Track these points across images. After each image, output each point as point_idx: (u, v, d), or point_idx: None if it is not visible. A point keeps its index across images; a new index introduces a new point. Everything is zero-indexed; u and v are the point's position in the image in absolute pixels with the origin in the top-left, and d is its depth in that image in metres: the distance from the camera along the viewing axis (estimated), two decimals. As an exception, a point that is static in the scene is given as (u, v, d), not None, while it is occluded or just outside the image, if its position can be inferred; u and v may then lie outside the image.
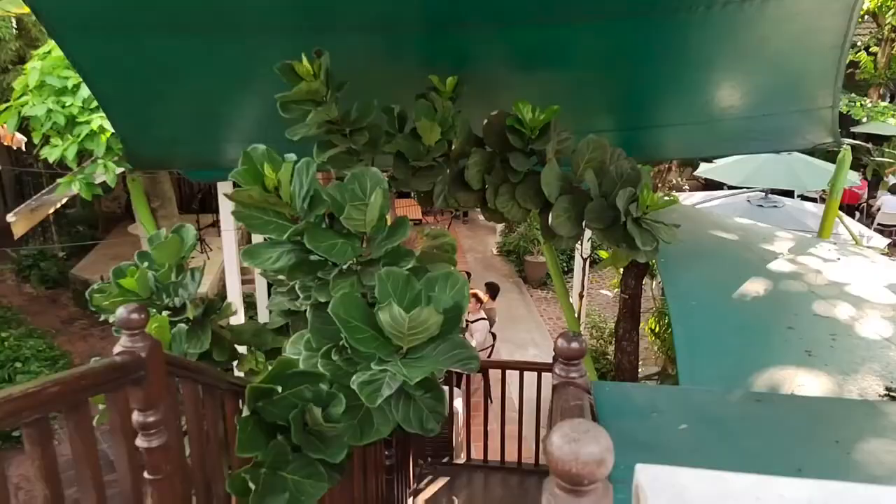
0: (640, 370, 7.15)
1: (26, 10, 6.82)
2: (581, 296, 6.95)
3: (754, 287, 3.36)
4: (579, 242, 6.22)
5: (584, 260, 6.97)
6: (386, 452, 3.97)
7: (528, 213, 3.41)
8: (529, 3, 3.05)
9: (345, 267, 2.10)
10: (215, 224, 11.18)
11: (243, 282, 6.54)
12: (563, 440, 0.69)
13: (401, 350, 1.90)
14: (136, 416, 1.57)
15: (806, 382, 2.30)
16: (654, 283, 7.92)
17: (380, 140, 3.18)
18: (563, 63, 3.67)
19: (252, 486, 1.90)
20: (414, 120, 3.15)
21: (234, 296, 6.26)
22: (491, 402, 6.71)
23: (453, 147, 3.36)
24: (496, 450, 5.23)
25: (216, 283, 9.56)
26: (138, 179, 6.21)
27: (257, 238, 7.09)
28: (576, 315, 6.79)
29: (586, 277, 7.29)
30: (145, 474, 1.61)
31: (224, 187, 6.07)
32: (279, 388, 1.98)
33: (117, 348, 1.57)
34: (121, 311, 1.59)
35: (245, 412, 1.92)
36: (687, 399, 1.94)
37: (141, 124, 4.27)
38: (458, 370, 2.11)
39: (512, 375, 5.23)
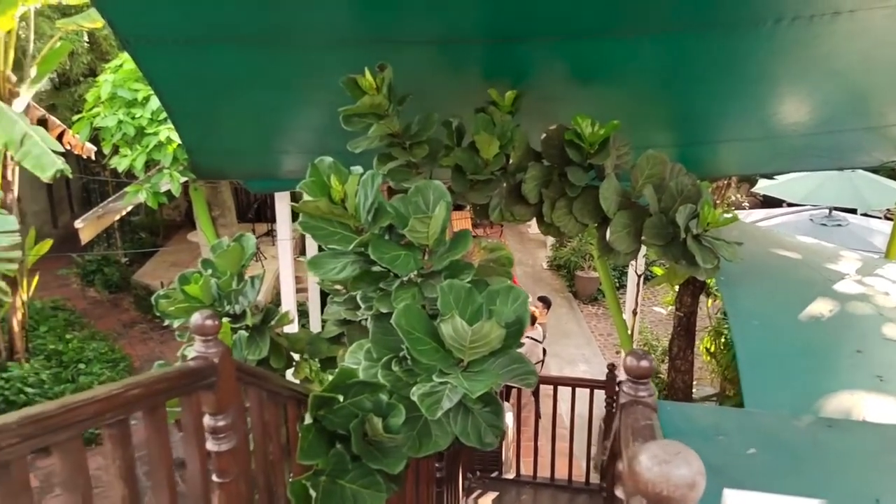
0: (693, 390, 6.99)
1: (98, 24, 7.14)
2: (634, 312, 6.85)
3: (819, 308, 3.26)
4: (633, 258, 6.13)
5: (639, 276, 6.87)
6: (437, 464, 3.97)
7: (585, 227, 3.38)
8: (591, 17, 3.04)
9: (406, 278, 2.12)
10: (270, 233, 11.43)
11: (297, 290, 6.65)
12: (653, 461, 0.69)
13: (461, 363, 1.91)
14: (207, 420, 1.62)
15: (877, 408, 2.21)
16: (710, 301, 7.74)
17: (439, 153, 3.21)
18: (623, 77, 3.64)
19: (312, 493, 1.93)
20: (472, 133, 3.16)
21: (289, 304, 6.36)
22: (539, 417, 6.65)
23: (511, 160, 3.37)
24: (546, 466, 5.18)
25: (270, 291, 9.75)
26: (201, 189, 6.40)
27: (310, 247, 7.22)
28: (629, 332, 6.69)
29: (640, 294, 7.17)
30: (213, 477, 1.65)
31: (281, 198, 6.20)
32: (340, 398, 2.00)
33: (191, 353, 1.62)
34: (196, 318, 1.64)
35: (307, 420, 1.95)
36: (753, 422, 1.89)
37: (205, 135, 4.39)
38: (515, 385, 2.10)
39: (563, 392, 5.19)
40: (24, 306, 7.90)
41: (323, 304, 7.83)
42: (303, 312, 7.99)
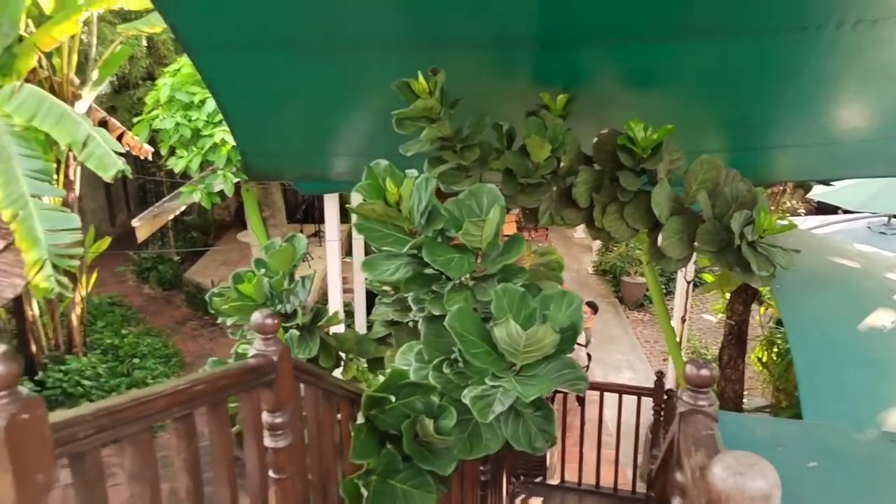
0: (744, 401, 6.83)
1: (157, 29, 7.35)
2: (683, 319, 6.72)
3: (880, 318, 3.15)
4: (685, 265, 6.02)
5: (688, 283, 6.75)
6: (482, 467, 3.97)
7: (636, 232, 3.35)
8: (644, 21, 3.01)
9: (458, 281, 2.13)
10: (317, 234, 11.59)
11: (342, 291, 6.73)
12: (728, 472, 0.68)
13: (513, 367, 1.91)
14: (265, 417, 1.65)
15: (944, 424, 2.13)
16: (763, 309, 7.56)
17: (489, 156, 3.22)
18: (677, 81, 3.59)
19: (364, 492, 1.95)
20: (524, 137, 3.16)
21: (336, 304, 6.44)
22: (583, 423, 6.59)
23: (561, 164, 3.35)
24: (591, 473, 5.13)
25: (316, 291, 9.88)
26: (252, 190, 6.54)
27: (357, 249, 7.29)
28: (677, 339, 6.58)
29: (689, 301, 7.05)
30: (270, 473, 1.68)
31: (330, 199, 6.28)
32: (392, 398, 2.02)
33: (251, 351, 1.66)
34: (256, 316, 1.68)
35: (360, 419, 1.98)
36: (813, 435, 1.84)
37: (258, 137, 4.48)
38: (566, 391, 2.09)
39: (608, 398, 5.13)
40: (83, 301, 8.18)
41: (368, 305, 7.91)
42: (348, 313, 8.08)
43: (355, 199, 7.21)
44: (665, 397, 5.03)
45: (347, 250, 8.44)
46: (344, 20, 2.98)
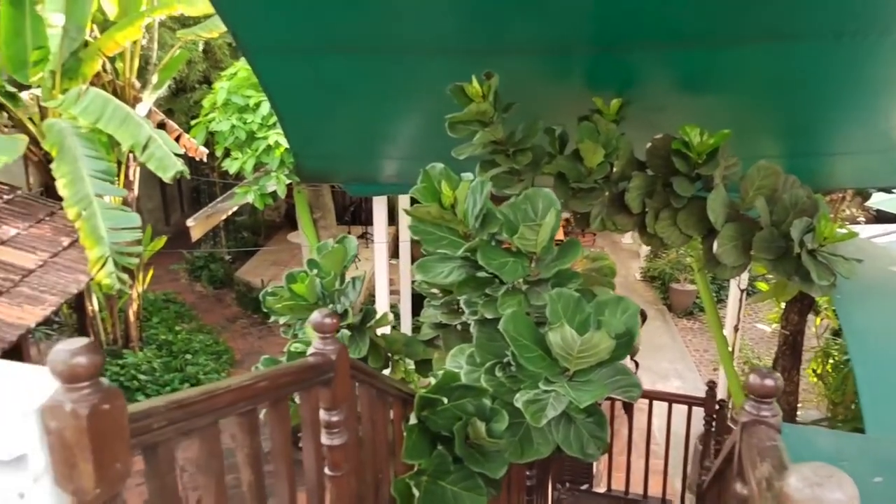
0: (798, 413, 6.64)
1: (214, 34, 7.54)
2: (736, 329, 6.58)
3: (946, 331, 3.04)
4: (741, 273, 5.88)
5: (742, 291, 6.60)
6: (528, 472, 3.96)
7: (689, 239, 3.30)
8: (702, 26, 2.97)
9: (512, 285, 2.14)
10: (364, 236, 11.71)
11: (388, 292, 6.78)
12: (804, 483, 0.67)
13: (567, 372, 1.90)
14: (322, 415, 1.69)
15: None
16: (819, 319, 7.34)
17: (541, 161, 3.21)
18: (734, 86, 3.53)
19: (415, 492, 1.97)
20: (577, 141, 3.14)
21: (383, 306, 6.50)
22: (631, 432, 6.50)
23: (614, 169, 3.32)
24: (638, 482, 5.06)
25: (362, 292, 9.96)
26: (303, 191, 6.66)
27: (403, 251, 7.33)
28: (729, 349, 6.44)
29: (742, 309, 6.89)
30: (326, 470, 1.72)
31: (379, 202, 6.35)
32: (444, 400, 2.04)
33: (310, 350, 1.70)
34: (315, 316, 1.72)
35: (412, 420, 2.00)
36: (877, 449, 1.79)
37: (311, 139, 4.57)
38: (619, 397, 2.08)
39: (656, 406, 5.06)
40: (140, 298, 8.44)
41: (414, 307, 7.96)
42: (394, 314, 8.15)
43: (403, 202, 7.28)
44: (717, 407, 4.93)
45: (393, 252, 8.51)
46: (400, 24, 3.02)
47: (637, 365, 7.59)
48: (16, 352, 5.02)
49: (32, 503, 1.02)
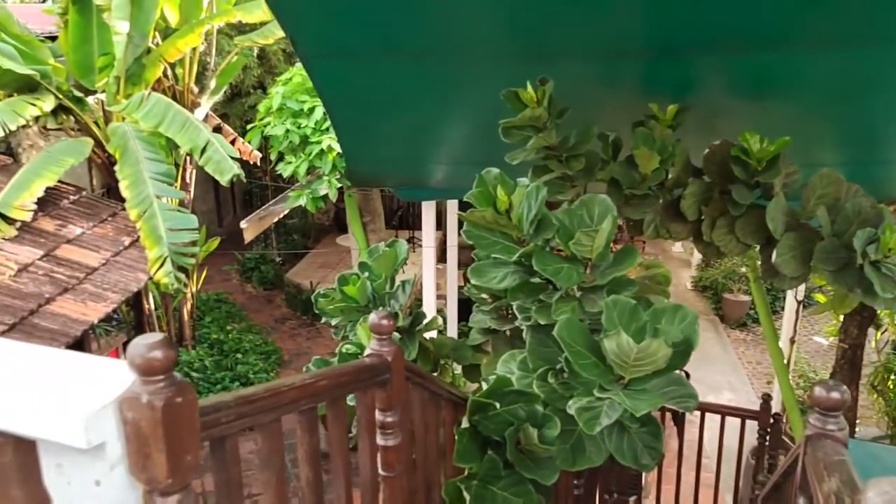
0: (856, 430, 6.42)
1: (269, 41, 7.71)
2: (792, 341, 6.40)
3: None
4: (800, 284, 5.71)
5: (798, 303, 6.42)
6: (575, 481, 3.92)
7: (747, 248, 3.23)
8: (764, 30, 2.91)
9: (566, 291, 2.13)
10: (411, 240, 11.79)
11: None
12: (884, 499, 0.65)
13: (622, 380, 1.89)
14: (377, 416, 1.71)
15: None
16: (879, 333, 7.09)
17: (595, 167, 3.19)
18: (796, 92, 3.45)
19: (466, 495, 1.98)
20: (632, 148, 3.11)
21: (430, 310, 6.52)
22: (681, 444, 6.37)
23: (669, 176, 3.28)
24: (688, 495, 4.96)
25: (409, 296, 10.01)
26: (354, 195, 6.75)
27: (451, 255, 7.34)
28: (784, 362, 6.26)
29: (798, 321, 6.70)
30: (380, 470, 1.74)
31: (428, 207, 6.38)
32: (496, 405, 2.04)
33: (367, 351, 1.72)
34: (372, 317, 1.74)
35: (464, 423, 2.01)
36: (947, 469, 1.72)
37: (364, 144, 4.62)
38: (674, 408, 2.05)
39: (708, 419, 4.95)
40: (193, 298, 8.66)
41: (460, 312, 7.97)
42: (441, 319, 8.16)
43: (451, 207, 7.31)
44: (771, 421, 4.80)
45: (440, 257, 8.54)
46: (456, 29, 3.04)
47: (687, 375, 7.45)
48: (78, 346, 5.22)
49: (108, 490, 1.06)
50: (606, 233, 1.97)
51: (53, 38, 7.50)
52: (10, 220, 5.36)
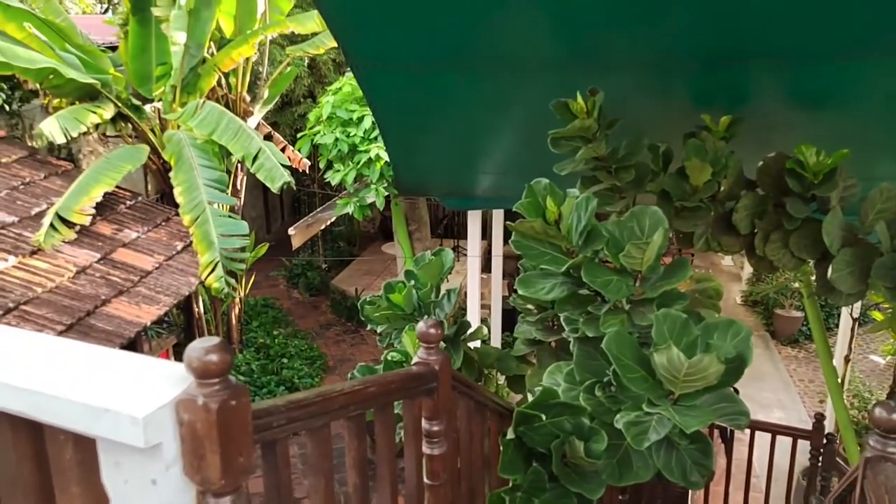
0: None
1: (321, 51, 7.83)
2: (847, 359, 6.18)
3: None
4: (857, 301, 5.53)
5: (854, 320, 6.21)
6: (620, 496, 3.85)
7: (802, 263, 3.14)
8: (824, 41, 2.83)
9: (615, 304, 2.10)
10: (455, 249, 11.81)
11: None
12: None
13: (671, 395, 1.85)
14: (423, 424, 1.71)
15: None
16: (941, 354, 6.81)
17: (645, 178, 3.15)
18: (854, 103, 3.35)
19: (510, 507, 1.96)
20: (683, 159, 3.06)
21: (475, 319, 6.52)
22: (729, 462, 6.21)
23: (721, 188, 3.22)
24: (736, 516, 4.83)
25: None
26: (401, 204, 6.80)
27: (496, 265, 7.31)
28: (838, 381, 6.06)
29: (853, 339, 6.48)
30: (425, 479, 1.74)
31: (474, 216, 6.39)
32: (542, 416, 2.02)
33: (414, 359, 1.73)
34: (420, 326, 1.75)
35: (509, 434, 2.00)
36: None
37: (411, 152, 4.66)
38: (724, 425, 2.00)
39: (758, 437, 4.82)
40: (242, 302, 8.83)
41: (504, 322, 7.94)
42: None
43: (497, 216, 7.29)
44: (825, 442, 4.65)
45: (484, 266, 8.53)
46: (507, 41, 3.04)
47: (736, 391, 7.26)
48: (131, 347, 5.37)
49: (163, 490, 1.08)
50: (657, 245, 1.94)
51: (114, 49, 7.78)
52: (70, 224, 5.55)
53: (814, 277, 3.21)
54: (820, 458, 4.67)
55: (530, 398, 2.29)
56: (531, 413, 2.03)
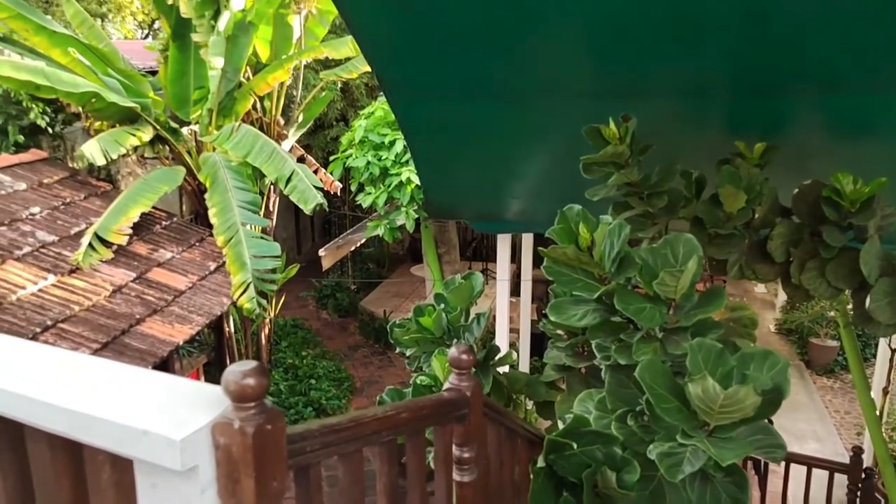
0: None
1: (353, 75, 7.96)
2: (885, 391, 6.02)
3: None
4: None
5: (893, 351, 6.05)
6: (650, 529, 3.77)
7: (839, 292, 3.08)
8: (864, 69, 2.80)
9: (647, 332, 2.08)
10: (485, 272, 11.80)
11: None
12: None
13: (706, 426, 1.82)
14: (454, 451, 1.71)
15: None
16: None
17: (678, 204, 3.13)
18: (893, 132, 3.30)
19: (540, 536, 1.94)
20: (717, 186, 3.04)
21: (503, 343, 6.49)
22: (763, 495, 6.05)
23: (756, 216, 3.18)
24: (771, 551, 4.69)
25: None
26: (430, 226, 6.83)
27: (525, 289, 7.27)
28: (876, 413, 5.90)
29: (892, 371, 6.30)
30: (455, 505, 1.73)
31: (503, 239, 6.40)
32: (573, 445, 2.00)
33: (446, 385, 1.73)
34: (452, 352, 1.75)
35: (540, 462, 1.98)
36: None
37: (442, 175, 4.69)
38: (760, 457, 1.96)
39: (793, 470, 4.70)
40: (271, 322, 8.91)
41: (532, 347, 7.89)
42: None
43: (526, 240, 7.28)
44: (863, 476, 4.52)
45: (512, 290, 8.51)
46: (539, 70, 3.07)
47: (770, 422, 7.09)
48: (163, 366, 5.44)
49: (198, 513, 1.10)
50: (692, 273, 1.92)
51: (154, 73, 7.99)
52: (108, 244, 5.68)
53: (851, 307, 3.15)
54: (858, 494, 4.53)
55: (560, 425, 2.26)
56: (562, 441, 2.01)
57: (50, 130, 7.47)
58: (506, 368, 3.91)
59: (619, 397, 2.11)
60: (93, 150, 5.89)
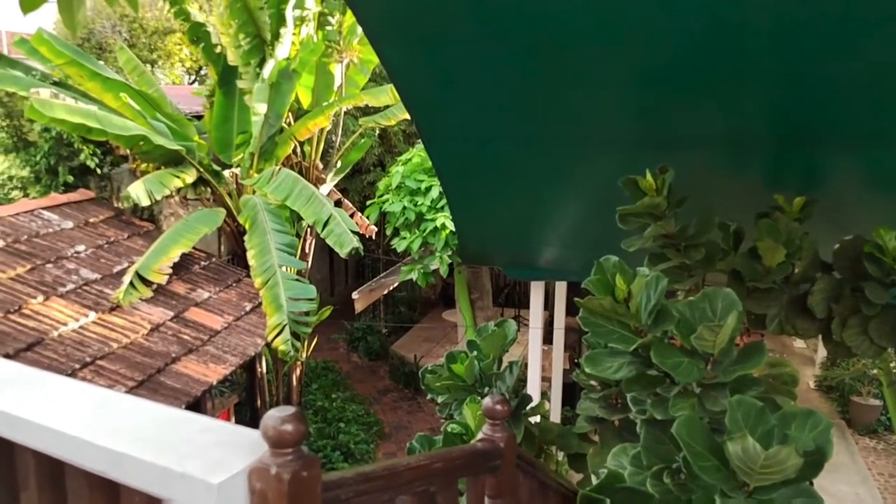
0: None
1: (392, 122, 8.14)
2: (935, 455, 5.77)
3: None
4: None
5: (942, 412, 5.81)
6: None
7: (882, 350, 3.00)
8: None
9: (684, 387, 2.05)
10: (517, 318, 11.72)
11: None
12: None
13: (746, 487, 1.77)
14: (486, 502, 1.69)
15: None
16: None
17: (715, 257, 3.10)
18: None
19: None
20: (756, 239, 3.01)
21: (535, 391, 6.41)
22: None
23: (796, 270, 3.13)
24: None
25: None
26: (464, 272, 6.85)
27: (557, 337, 7.20)
28: (926, 477, 5.64)
29: (942, 433, 6.05)
30: (485, 559, 1.70)
31: (536, 287, 6.38)
32: (607, 501, 1.96)
33: (479, 435, 1.72)
34: (487, 402, 1.75)
35: (573, 518, 1.94)
36: None
37: (477, 222, 4.73)
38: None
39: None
40: (303, 365, 8.94)
41: (564, 396, 7.76)
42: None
43: (559, 288, 7.24)
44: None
45: (545, 337, 8.44)
46: (576, 120, 3.10)
47: (810, 483, 6.83)
48: (195, 406, 5.49)
49: (232, 557, 1.10)
50: (731, 328, 1.89)
51: (199, 117, 8.27)
52: (148, 283, 5.81)
53: (894, 365, 3.06)
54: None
55: (593, 479, 2.22)
56: (596, 497, 1.97)
57: (98, 171, 7.73)
58: (537, 418, 3.86)
59: (655, 453, 2.07)
60: (138, 191, 6.08)
